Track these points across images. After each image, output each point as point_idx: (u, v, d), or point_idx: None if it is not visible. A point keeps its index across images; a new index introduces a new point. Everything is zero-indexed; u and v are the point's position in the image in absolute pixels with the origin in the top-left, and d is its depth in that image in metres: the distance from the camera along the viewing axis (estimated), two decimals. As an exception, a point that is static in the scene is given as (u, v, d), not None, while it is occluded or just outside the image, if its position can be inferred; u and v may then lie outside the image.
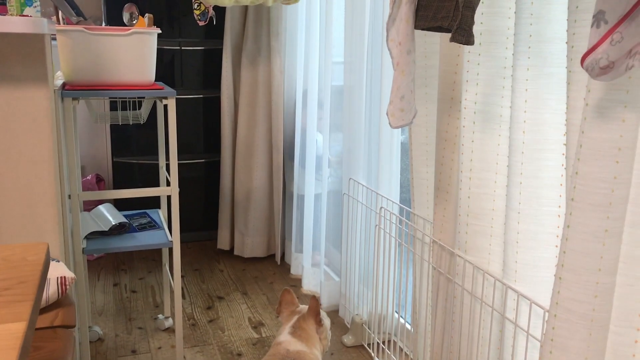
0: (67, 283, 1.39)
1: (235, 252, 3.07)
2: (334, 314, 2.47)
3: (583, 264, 0.95)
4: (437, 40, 1.60)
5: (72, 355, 1.33)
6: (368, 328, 2.20)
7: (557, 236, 1.21)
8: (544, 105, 1.20)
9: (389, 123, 1.25)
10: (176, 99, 1.84)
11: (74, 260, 1.82)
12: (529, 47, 1.20)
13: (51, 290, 1.38)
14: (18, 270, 0.82)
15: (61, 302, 1.42)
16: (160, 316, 2.36)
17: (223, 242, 3.12)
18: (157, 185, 2.94)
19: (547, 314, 1.15)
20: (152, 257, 3.07)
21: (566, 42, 1.03)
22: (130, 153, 3.17)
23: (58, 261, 1.44)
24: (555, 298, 1.01)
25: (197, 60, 3.17)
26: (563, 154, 1.20)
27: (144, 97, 1.88)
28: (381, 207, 1.98)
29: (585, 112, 0.94)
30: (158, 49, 1.92)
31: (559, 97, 1.19)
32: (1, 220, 1.50)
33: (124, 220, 2.03)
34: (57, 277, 1.38)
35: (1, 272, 0.81)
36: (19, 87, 1.43)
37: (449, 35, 1.45)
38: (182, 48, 3.13)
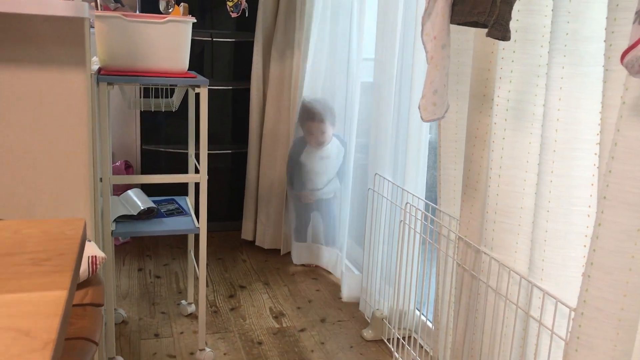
0: (97, 262, 1.42)
1: (257, 243, 3.09)
2: (354, 306, 2.48)
3: (613, 263, 0.95)
4: (471, 37, 1.60)
5: (100, 332, 1.36)
6: (388, 323, 2.20)
7: (586, 236, 1.20)
8: (578, 104, 1.19)
9: (421, 117, 1.26)
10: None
11: (103, 242, 1.86)
12: (565, 45, 1.19)
13: (82, 269, 1.41)
14: (57, 243, 0.84)
15: (91, 280, 1.46)
16: (183, 302, 2.39)
17: (247, 233, 3.15)
18: (184, 173, 2.98)
19: (573, 312, 1.15)
20: (177, 245, 3.12)
21: (604, 41, 1.03)
22: (158, 141, 3.21)
23: (89, 240, 1.47)
24: (583, 296, 1.00)
25: (228, 52, 3.20)
26: (595, 154, 1.19)
27: (177, 85, 1.91)
28: (407, 203, 1.98)
29: (622, 110, 0.93)
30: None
31: (594, 97, 1.18)
32: (35, 199, 1.54)
33: (153, 205, 2.06)
34: (88, 256, 1.41)
35: (41, 244, 0.84)
36: (59, 70, 1.46)
37: (484, 31, 1.44)
38: (214, 39, 3.16)
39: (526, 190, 1.36)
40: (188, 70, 1.97)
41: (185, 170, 2.42)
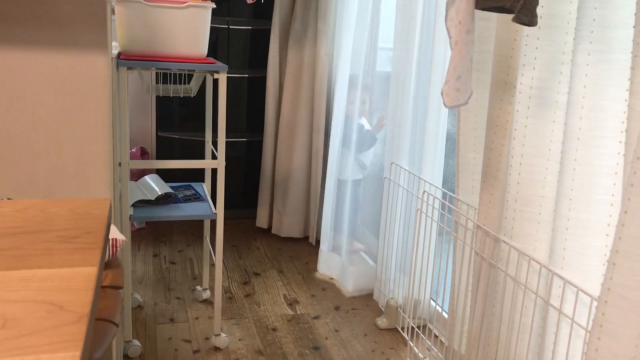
0: (118, 245, 1.43)
1: (273, 231, 3.10)
2: (368, 295, 2.48)
3: (639, 251, 0.94)
4: (493, 25, 1.59)
5: (120, 314, 1.37)
6: (403, 312, 2.20)
7: (609, 225, 1.19)
8: (604, 91, 1.18)
9: (444, 103, 1.25)
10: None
11: (122, 226, 1.87)
12: (592, 32, 1.18)
13: (102, 251, 1.42)
14: (84, 222, 0.85)
15: (111, 263, 1.47)
16: (198, 288, 2.41)
17: (262, 221, 3.16)
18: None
19: (594, 301, 1.14)
20: (192, 231, 3.13)
21: (633, 27, 1.01)
22: (174, 128, 3.22)
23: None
24: (607, 284, 1.00)
25: (244, 40, 3.20)
26: (620, 142, 1.18)
27: (195, 70, 1.91)
28: (424, 192, 1.97)
29: (651, 97, 0.92)
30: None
31: (620, 84, 1.17)
32: (56, 181, 1.55)
33: (170, 190, 2.07)
34: (109, 239, 1.42)
35: (69, 222, 0.84)
36: (81, 52, 1.47)
37: (506, 18, 1.43)
38: (230, 27, 3.16)
39: (548, 179, 1.35)
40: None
41: (200, 157, 2.43)
